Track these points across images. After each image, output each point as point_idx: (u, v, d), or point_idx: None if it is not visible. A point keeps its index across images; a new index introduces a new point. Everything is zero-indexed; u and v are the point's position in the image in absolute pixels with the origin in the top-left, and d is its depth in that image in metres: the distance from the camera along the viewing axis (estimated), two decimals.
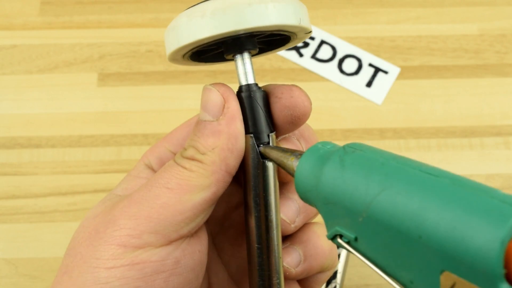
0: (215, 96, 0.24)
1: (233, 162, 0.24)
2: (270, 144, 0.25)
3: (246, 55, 0.25)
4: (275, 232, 0.25)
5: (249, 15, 0.23)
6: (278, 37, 0.27)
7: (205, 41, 0.24)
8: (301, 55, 0.52)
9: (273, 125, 0.25)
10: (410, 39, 0.53)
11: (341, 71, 0.52)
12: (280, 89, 0.25)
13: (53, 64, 0.51)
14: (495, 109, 0.50)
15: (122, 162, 0.47)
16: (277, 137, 0.26)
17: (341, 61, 0.52)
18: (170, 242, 0.23)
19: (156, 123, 0.48)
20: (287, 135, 0.27)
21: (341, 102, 0.50)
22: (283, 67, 0.51)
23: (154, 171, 0.27)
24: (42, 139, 0.48)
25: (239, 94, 0.25)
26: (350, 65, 0.52)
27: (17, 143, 0.47)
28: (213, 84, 0.25)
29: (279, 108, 0.25)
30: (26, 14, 0.53)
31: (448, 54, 0.52)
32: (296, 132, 0.27)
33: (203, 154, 0.24)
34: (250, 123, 0.24)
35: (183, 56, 0.26)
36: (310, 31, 0.26)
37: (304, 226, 0.27)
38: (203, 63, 0.28)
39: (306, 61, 0.52)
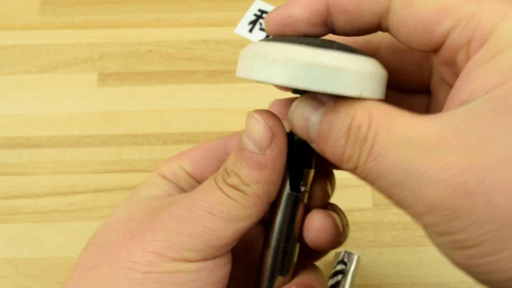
0: (263, 130, 0.23)
1: (274, 194, 0.25)
2: (303, 180, 0.25)
3: None
4: (287, 263, 0.26)
5: (307, 75, 0.20)
6: None
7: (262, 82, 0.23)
8: None
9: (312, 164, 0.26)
10: None
11: None
12: None
13: (53, 64, 0.51)
14: None
15: (122, 162, 0.46)
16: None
17: None
18: (205, 260, 0.24)
19: (156, 123, 0.48)
20: None
21: None
22: None
23: (169, 180, 0.28)
24: (42, 139, 0.48)
25: (291, 135, 0.24)
26: None
27: (17, 143, 0.47)
28: (259, 112, 0.24)
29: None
30: (26, 14, 0.53)
31: None
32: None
33: (247, 185, 0.24)
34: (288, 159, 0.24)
35: None
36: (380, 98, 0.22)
37: None
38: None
39: None
